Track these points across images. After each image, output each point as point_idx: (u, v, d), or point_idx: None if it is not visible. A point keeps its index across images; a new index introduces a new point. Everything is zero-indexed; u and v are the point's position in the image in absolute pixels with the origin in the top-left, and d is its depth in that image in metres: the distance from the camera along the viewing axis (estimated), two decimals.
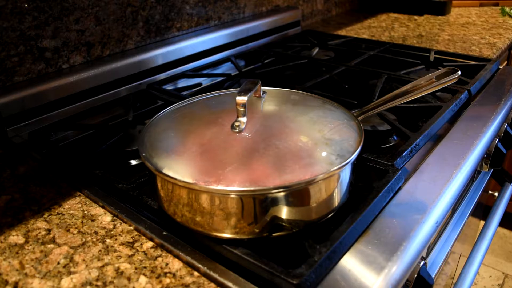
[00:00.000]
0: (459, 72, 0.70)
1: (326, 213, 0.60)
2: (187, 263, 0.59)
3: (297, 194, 0.55)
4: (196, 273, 0.58)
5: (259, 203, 0.54)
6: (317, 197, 0.57)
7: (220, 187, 0.53)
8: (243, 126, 0.61)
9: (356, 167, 0.64)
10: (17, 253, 0.61)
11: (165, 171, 0.56)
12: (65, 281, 0.56)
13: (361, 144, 0.61)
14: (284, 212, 0.56)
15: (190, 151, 0.59)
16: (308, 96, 0.75)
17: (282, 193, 0.54)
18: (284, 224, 0.56)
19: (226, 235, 0.57)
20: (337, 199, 0.60)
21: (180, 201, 0.57)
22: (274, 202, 0.54)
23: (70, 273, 0.57)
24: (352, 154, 0.59)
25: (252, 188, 0.53)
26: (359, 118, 0.72)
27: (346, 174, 0.60)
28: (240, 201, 0.54)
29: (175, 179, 0.55)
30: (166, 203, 0.60)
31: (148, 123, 0.68)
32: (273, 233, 0.57)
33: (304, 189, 0.55)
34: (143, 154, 0.60)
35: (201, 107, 0.73)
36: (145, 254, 0.61)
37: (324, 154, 0.58)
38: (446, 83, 0.70)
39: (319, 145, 0.60)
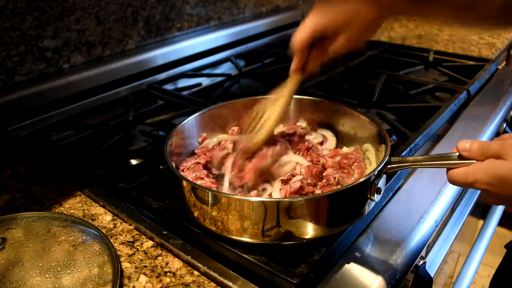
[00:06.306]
0: None
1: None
2: (187, 262, 0.60)
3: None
4: (196, 272, 0.58)
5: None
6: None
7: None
8: None
9: None
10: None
11: None
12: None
13: (388, 153, 0.59)
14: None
15: None
16: None
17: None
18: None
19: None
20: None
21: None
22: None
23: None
24: (381, 164, 0.56)
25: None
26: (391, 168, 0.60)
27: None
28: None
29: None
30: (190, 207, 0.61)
31: None
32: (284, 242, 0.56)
33: None
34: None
35: None
36: (145, 253, 0.62)
37: None
38: None
39: None
